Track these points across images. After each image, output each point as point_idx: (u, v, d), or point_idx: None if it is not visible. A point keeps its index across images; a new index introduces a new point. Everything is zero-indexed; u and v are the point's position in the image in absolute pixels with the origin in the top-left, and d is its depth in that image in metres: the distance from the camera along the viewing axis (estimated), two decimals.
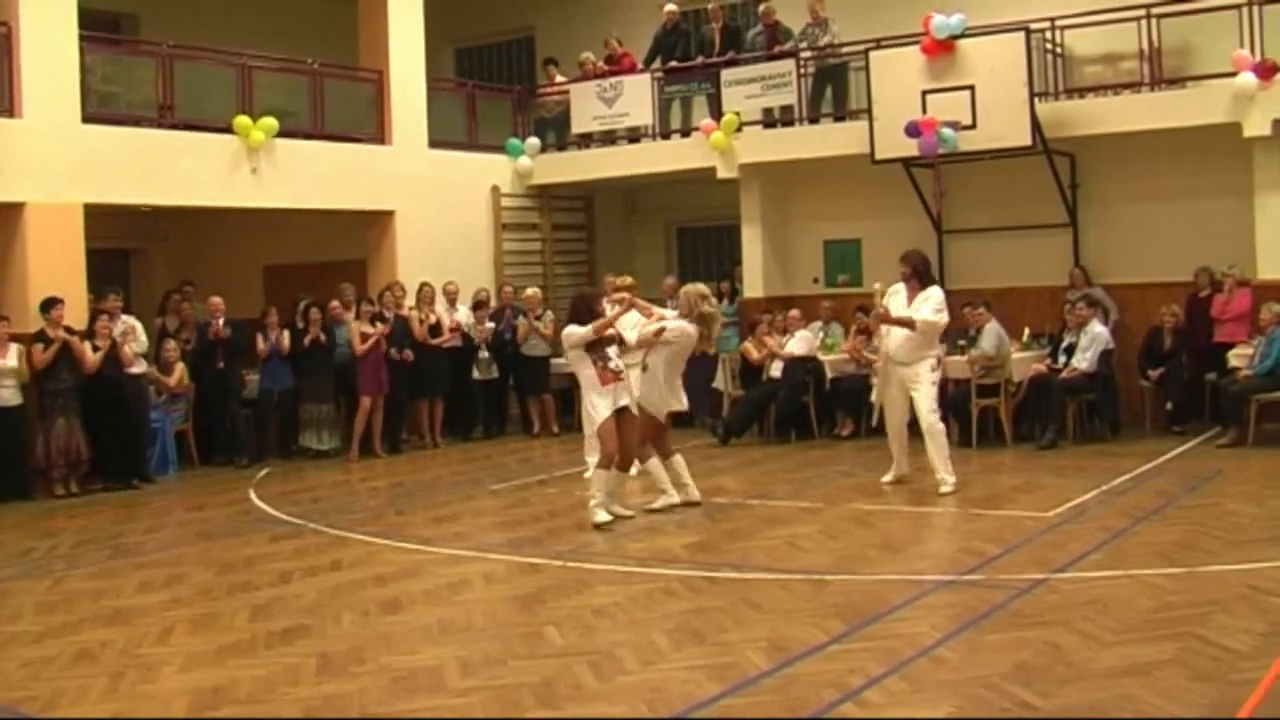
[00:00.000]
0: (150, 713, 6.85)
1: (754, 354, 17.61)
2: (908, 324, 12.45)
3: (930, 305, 12.51)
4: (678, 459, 12.47)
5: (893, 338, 12.71)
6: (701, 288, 12.57)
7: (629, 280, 15.01)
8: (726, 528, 11.41)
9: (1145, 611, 7.92)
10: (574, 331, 11.69)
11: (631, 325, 12.51)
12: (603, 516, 11.58)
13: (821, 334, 17.85)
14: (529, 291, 18.98)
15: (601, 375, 11.66)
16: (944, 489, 12.47)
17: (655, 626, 8.12)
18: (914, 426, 12.84)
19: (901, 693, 6.61)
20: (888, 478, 13.15)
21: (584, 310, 11.84)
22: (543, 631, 8.11)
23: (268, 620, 8.71)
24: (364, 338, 16.82)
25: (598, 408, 11.60)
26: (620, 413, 11.66)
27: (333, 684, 7.20)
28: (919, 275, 12.75)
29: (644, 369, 12.29)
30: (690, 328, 12.19)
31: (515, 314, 18.63)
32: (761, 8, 19.48)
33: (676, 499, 12.32)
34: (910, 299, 12.64)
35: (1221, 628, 7.47)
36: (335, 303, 17.28)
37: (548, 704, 6.69)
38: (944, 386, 15.75)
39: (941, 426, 12.76)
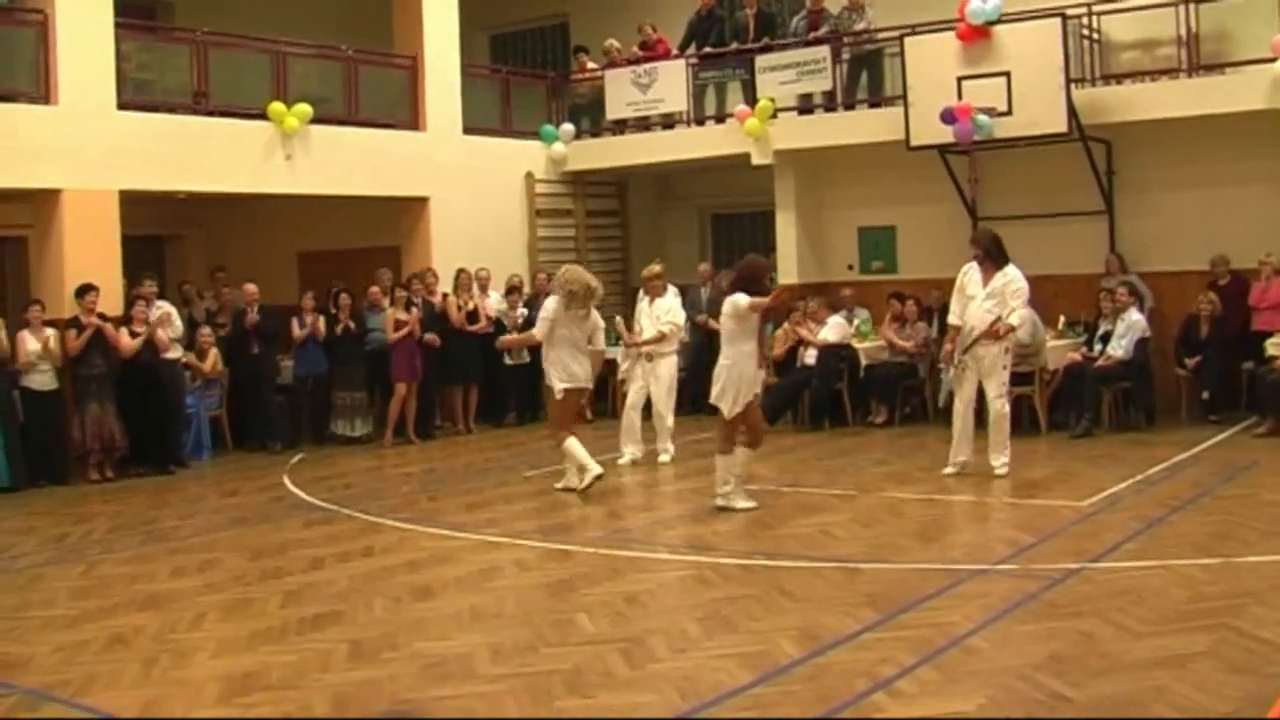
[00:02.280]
0: (182, 698, 6.87)
1: (779, 347, 17.50)
2: (1009, 331, 12.52)
3: (1018, 294, 12.51)
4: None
5: (976, 319, 12.61)
6: (572, 269, 13.27)
7: (656, 269, 15.00)
8: (759, 515, 11.37)
9: (1180, 602, 7.86)
10: (741, 300, 11.33)
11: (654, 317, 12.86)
12: (746, 503, 11.49)
13: (855, 321, 17.76)
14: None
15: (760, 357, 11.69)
16: (1000, 471, 12.49)
17: (687, 614, 8.11)
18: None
19: (933, 683, 6.58)
20: (950, 469, 12.92)
21: (754, 280, 11.50)
22: (574, 619, 8.10)
23: (299, 606, 8.73)
24: (398, 325, 16.84)
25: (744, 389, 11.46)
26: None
27: (363, 670, 7.20)
28: (991, 255, 12.72)
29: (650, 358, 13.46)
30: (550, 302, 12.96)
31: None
32: None
33: (576, 484, 12.67)
34: (986, 280, 12.60)
35: (1257, 619, 7.40)
36: (375, 288, 17.31)
37: (578, 692, 6.68)
38: None
39: (1008, 411, 12.77)
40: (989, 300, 12.54)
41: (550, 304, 13.02)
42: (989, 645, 7.16)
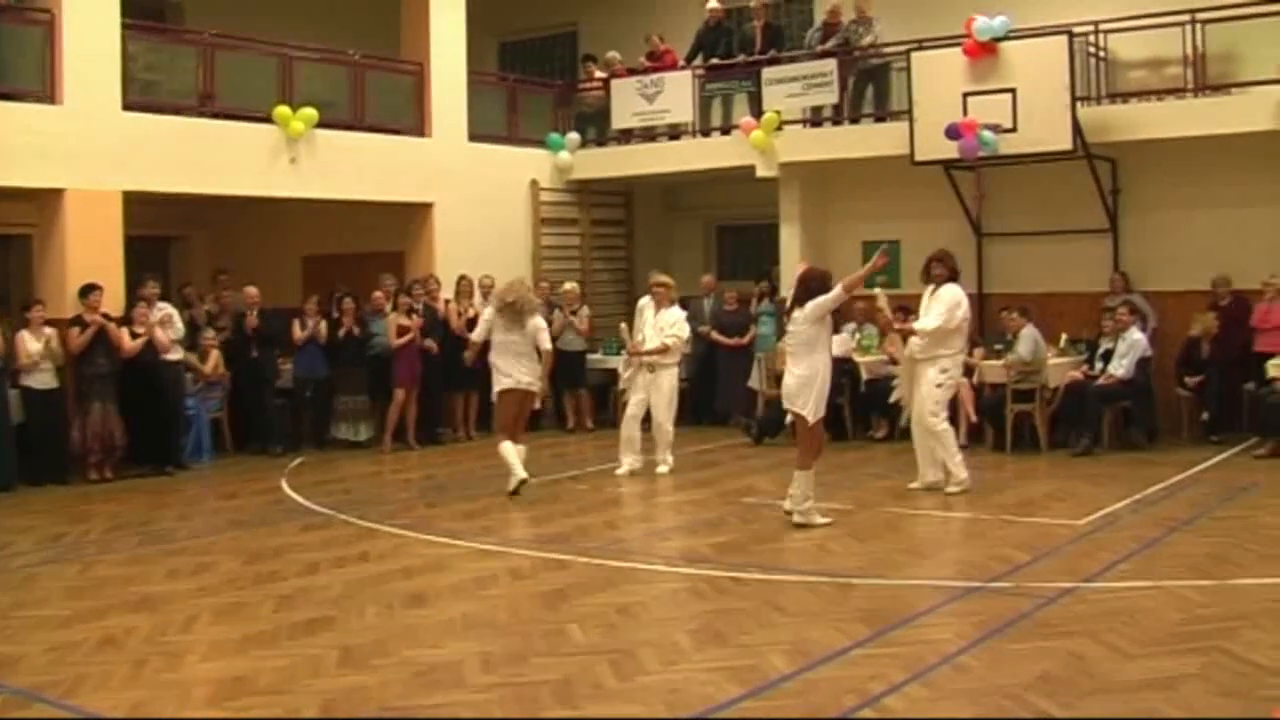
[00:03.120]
0: (171, 700, 6.88)
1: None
2: (909, 333, 12.65)
3: (936, 309, 12.56)
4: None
5: (913, 337, 12.76)
6: (512, 283, 13.90)
7: (661, 278, 15.00)
8: (756, 528, 11.39)
9: (1173, 624, 7.85)
10: (824, 301, 11.37)
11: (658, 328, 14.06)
12: (823, 519, 11.43)
13: (857, 335, 17.75)
14: (567, 286, 18.97)
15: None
16: (949, 488, 12.51)
17: (678, 626, 8.12)
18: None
19: (922, 700, 6.57)
20: (916, 484, 13.07)
21: (825, 282, 11.54)
22: (565, 629, 8.11)
23: (293, 611, 8.73)
24: (401, 330, 16.86)
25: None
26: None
27: (353, 676, 7.21)
28: (927, 273, 12.93)
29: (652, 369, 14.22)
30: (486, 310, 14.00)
31: (552, 309, 18.60)
32: (829, 6, 19.33)
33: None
34: (929, 297, 12.82)
35: (1250, 643, 7.39)
36: (378, 293, 17.33)
37: (567, 702, 6.68)
38: (979, 390, 15.79)
39: (944, 427, 12.74)
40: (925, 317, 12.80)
41: (486, 312, 14.03)
42: (979, 663, 7.15)
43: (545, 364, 13.68)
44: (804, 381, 11.30)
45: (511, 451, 13.29)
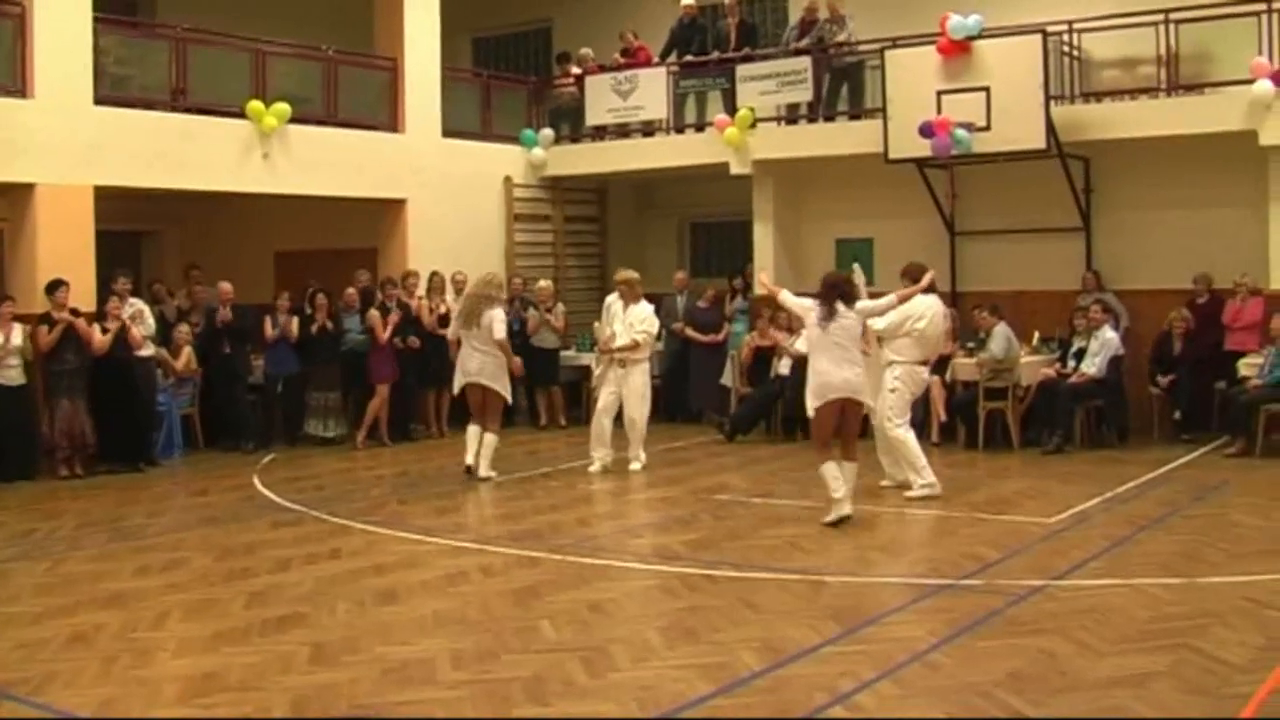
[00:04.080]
0: (140, 697, 6.87)
1: (746, 352, 17.63)
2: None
3: (891, 314, 12.53)
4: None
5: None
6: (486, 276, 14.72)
7: (626, 275, 14.97)
8: (728, 526, 11.41)
9: (1142, 622, 7.90)
10: (877, 304, 11.98)
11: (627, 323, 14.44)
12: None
13: None
14: (541, 283, 18.98)
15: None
16: (909, 494, 12.48)
17: (650, 624, 8.14)
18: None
19: (892, 697, 6.61)
20: (886, 481, 13.09)
21: (849, 289, 11.79)
22: (537, 626, 8.12)
23: (264, 607, 8.72)
24: (385, 327, 16.83)
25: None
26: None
27: (324, 673, 7.21)
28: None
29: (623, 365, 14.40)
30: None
31: (525, 305, 18.60)
32: (805, 3, 19.37)
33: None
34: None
35: (1219, 640, 7.45)
36: (351, 290, 17.26)
37: (537, 699, 6.70)
38: (951, 389, 15.84)
39: (900, 434, 12.64)
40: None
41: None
42: (950, 661, 7.19)
43: (505, 352, 14.30)
44: (862, 375, 11.52)
45: (472, 438, 14.18)
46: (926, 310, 12.72)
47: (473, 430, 14.13)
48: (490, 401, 14.10)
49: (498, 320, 14.06)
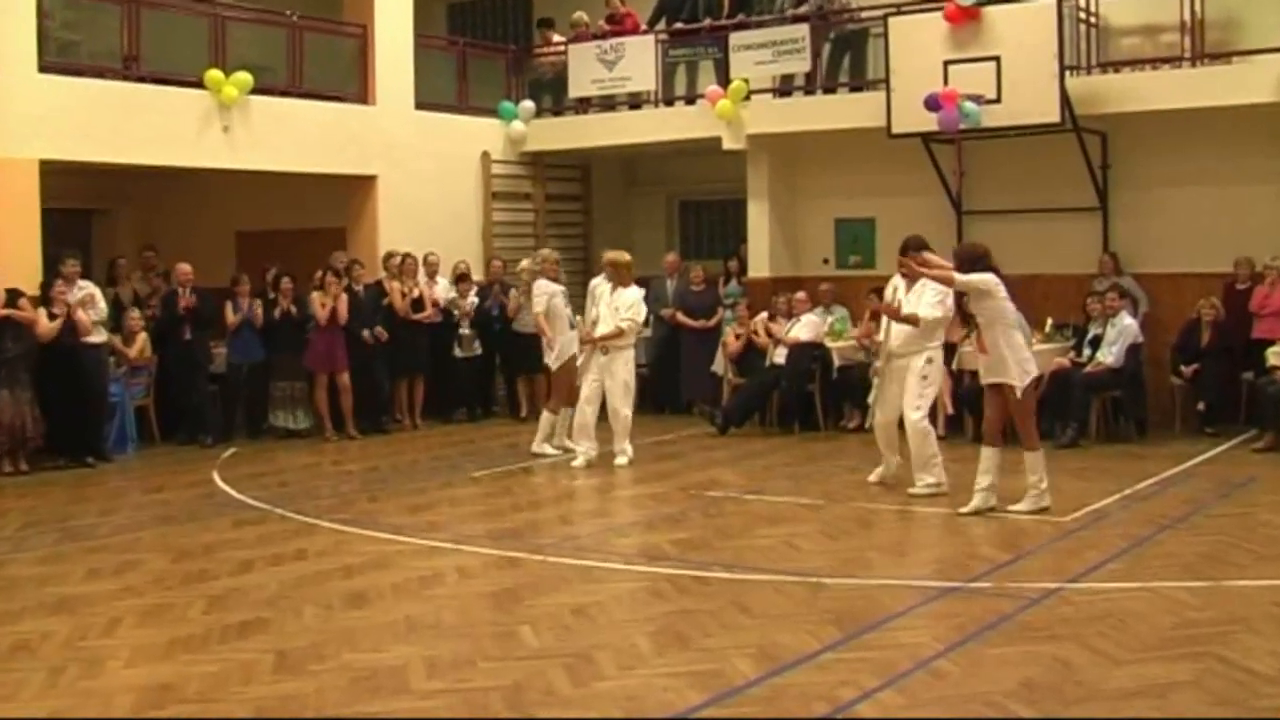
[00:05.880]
0: (90, 711, 6.82)
1: (733, 343, 17.60)
2: (911, 321, 12.39)
3: (929, 297, 12.43)
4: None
5: (892, 331, 12.66)
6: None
7: (615, 256, 14.95)
8: (720, 524, 11.41)
9: (1164, 628, 7.89)
10: (987, 278, 11.64)
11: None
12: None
13: (828, 319, 17.75)
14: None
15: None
16: (920, 491, 12.42)
17: (637, 629, 8.12)
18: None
19: (896, 708, 6.59)
20: (873, 476, 13.09)
21: (981, 257, 11.82)
22: (517, 631, 8.10)
23: (224, 612, 8.69)
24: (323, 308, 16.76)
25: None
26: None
27: (289, 683, 7.18)
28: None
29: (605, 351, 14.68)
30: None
31: (504, 289, 18.55)
32: None
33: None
34: (909, 288, 12.58)
35: (1247, 649, 7.43)
36: (320, 272, 17.11)
37: (517, 709, 6.68)
38: (959, 379, 15.81)
39: (925, 426, 12.59)
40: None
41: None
42: (957, 669, 7.18)
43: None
44: (1004, 354, 11.53)
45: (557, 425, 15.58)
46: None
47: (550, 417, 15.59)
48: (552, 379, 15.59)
49: (535, 294, 15.49)
